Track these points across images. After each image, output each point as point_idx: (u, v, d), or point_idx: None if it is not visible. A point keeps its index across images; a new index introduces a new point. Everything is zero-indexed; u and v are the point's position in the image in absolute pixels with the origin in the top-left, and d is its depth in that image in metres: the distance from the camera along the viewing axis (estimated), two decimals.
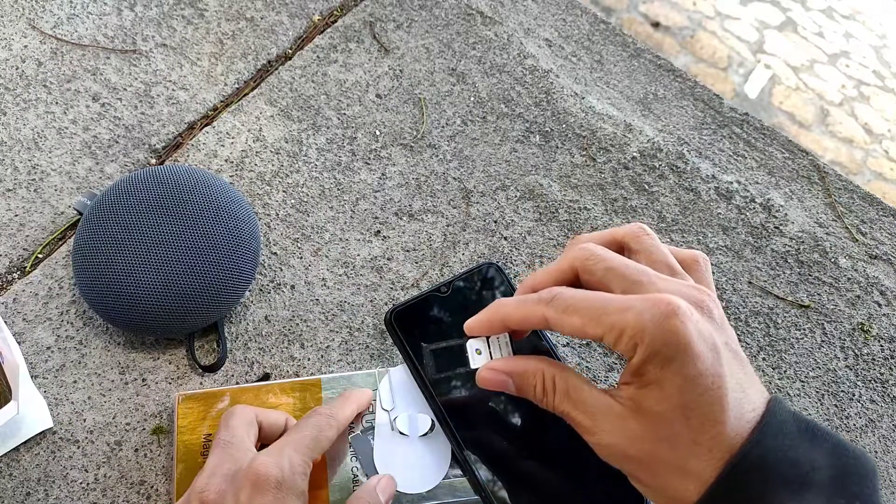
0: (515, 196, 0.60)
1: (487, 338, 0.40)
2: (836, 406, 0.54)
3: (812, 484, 0.28)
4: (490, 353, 0.40)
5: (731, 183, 0.63)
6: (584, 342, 0.54)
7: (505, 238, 0.58)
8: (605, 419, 0.32)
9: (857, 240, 0.62)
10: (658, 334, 0.29)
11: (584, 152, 0.63)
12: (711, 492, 0.29)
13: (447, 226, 0.58)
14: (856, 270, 0.60)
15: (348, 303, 0.54)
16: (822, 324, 0.57)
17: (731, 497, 0.29)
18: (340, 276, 0.55)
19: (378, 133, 0.63)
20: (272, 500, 0.35)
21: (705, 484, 0.29)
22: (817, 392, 0.54)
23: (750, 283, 0.58)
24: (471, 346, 0.40)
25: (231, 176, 0.59)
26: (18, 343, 0.50)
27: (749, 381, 0.31)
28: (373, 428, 0.46)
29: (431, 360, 0.48)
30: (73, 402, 0.49)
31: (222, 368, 0.51)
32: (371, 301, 0.54)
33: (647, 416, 0.31)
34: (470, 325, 0.38)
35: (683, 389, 0.30)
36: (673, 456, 0.30)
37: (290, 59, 0.66)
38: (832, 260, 0.60)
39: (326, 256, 0.56)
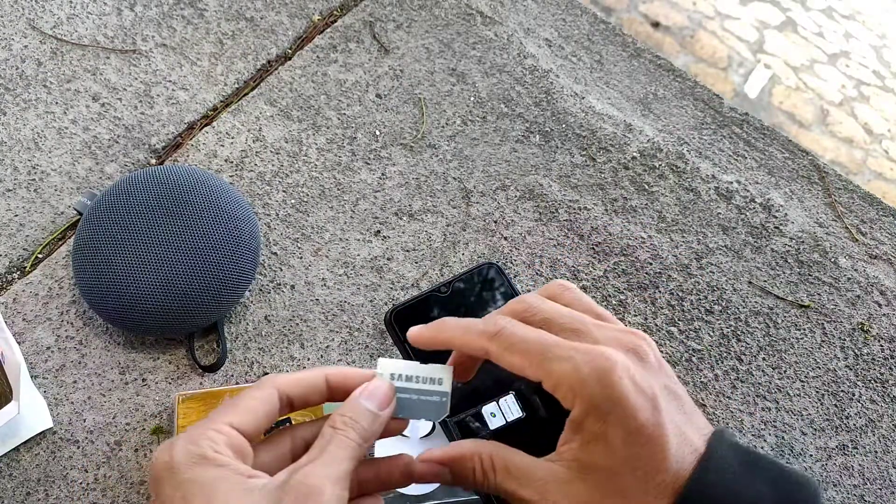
0: (515, 196, 0.60)
1: (497, 401, 0.41)
2: (836, 406, 0.54)
3: None
4: (504, 415, 0.41)
5: (731, 183, 0.63)
6: None
7: (505, 238, 0.58)
8: (553, 487, 0.32)
9: (857, 240, 0.62)
10: (597, 389, 0.31)
11: (584, 152, 0.63)
12: None
13: (447, 226, 0.58)
14: (856, 270, 0.60)
15: (348, 303, 0.54)
16: (822, 324, 0.57)
17: None
18: (340, 276, 0.55)
19: (378, 133, 0.63)
20: (167, 484, 0.30)
21: None
22: (817, 392, 0.54)
23: (750, 283, 0.58)
24: (486, 410, 0.41)
25: (231, 176, 0.59)
26: (18, 343, 0.50)
27: (687, 421, 0.33)
28: None
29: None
30: (73, 402, 0.49)
31: (222, 368, 0.51)
32: (371, 301, 0.54)
33: (595, 473, 0.31)
34: (412, 333, 0.37)
35: (627, 442, 0.31)
36: None
37: (290, 59, 0.66)
38: (832, 260, 0.60)
39: (326, 256, 0.56)
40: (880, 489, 0.51)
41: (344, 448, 0.32)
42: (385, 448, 0.45)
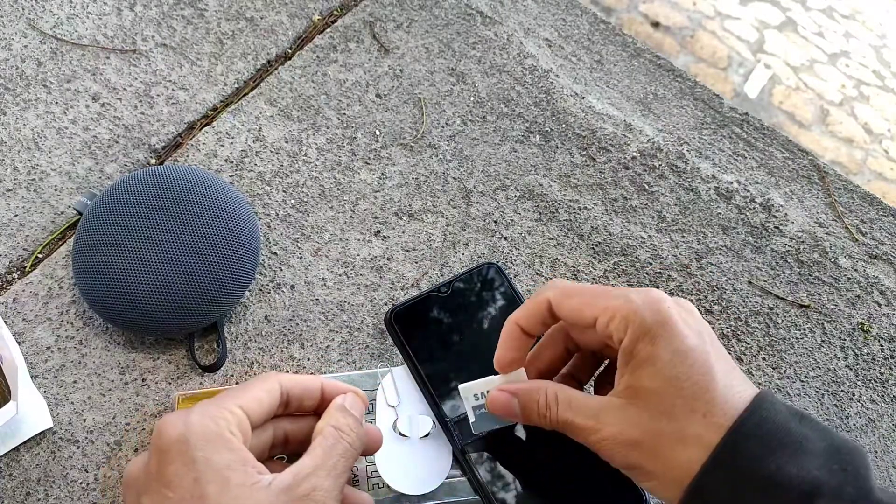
0: (515, 196, 0.60)
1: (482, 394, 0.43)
2: (836, 406, 0.54)
3: (807, 451, 0.30)
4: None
5: (731, 183, 0.63)
6: None
7: (505, 238, 0.58)
8: (606, 414, 0.34)
9: (857, 240, 0.62)
10: (648, 314, 0.33)
11: (584, 152, 0.63)
12: (715, 456, 0.30)
13: (447, 226, 0.58)
14: (856, 270, 0.60)
15: (348, 303, 0.54)
16: (822, 324, 0.57)
17: (734, 460, 0.30)
18: (340, 276, 0.55)
19: (378, 133, 0.63)
20: (178, 460, 0.29)
21: (707, 448, 0.31)
22: (817, 392, 0.54)
23: (750, 283, 0.58)
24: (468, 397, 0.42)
25: (231, 176, 0.59)
26: (18, 343, 0.50)
27: (733, 369, 0.34)
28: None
29: (433, 364, 0.48)
30: (73, 402, 0.49)
31: (222, 368, 0.51)
32: (371, 301, 0.54)
33: (644, 395, 0.33)
34: (497, 358, 0.39)
35: (673, 363, 0.32)
36: (672, 428, 0.32)
37: (290, 59, 0.66)
38: (832, 260, 0.60)
39: (326, 256, 0.56)
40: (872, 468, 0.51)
41: (347, 458, 0.34)
42: (385, 448, 0.45)
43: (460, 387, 0.41)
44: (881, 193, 1.93)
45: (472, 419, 0.41)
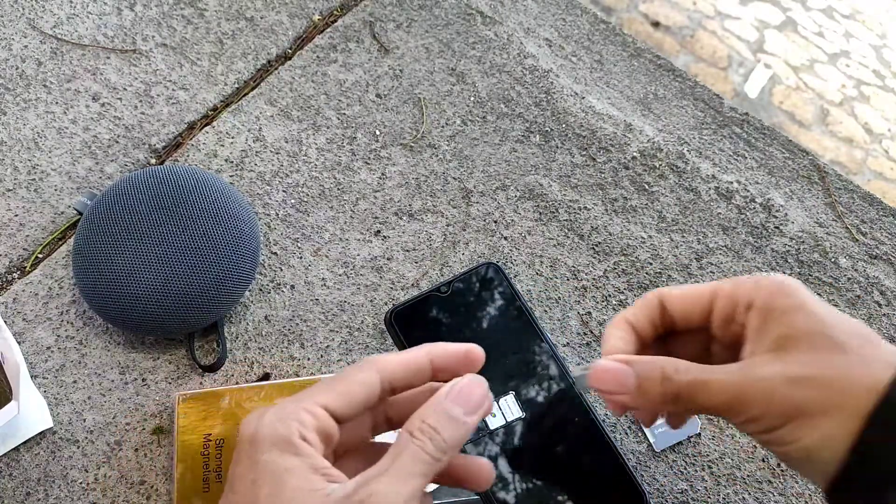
0: (515, 196, 0.60)
1: (497, 401, 0.45)
2: None
3: None
4: (503, 414, 0.45)
5: (731, 183, 0.63)
6: (583, 342, 0.54)
7: (505, 238, 0.58)
8: (754, 367, 0.31)
9: (857, 240, 0.62)
10: (775, 277, 0.32)
11: (584, 152, 0.63)
12: None
13: (447, 226, 0.58)
14: (856, 270, 0.60)
15: (348, 303, 0.54)
16: None
17: None
18: (340, 276, 0.55)
19: (378, 133, 0.63)
20: (245, 460, 0.29)
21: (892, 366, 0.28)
22: None
23: None
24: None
25: (231, 176, 0.59)
26: (18, 343, 0.50)
27: None
28: None
29: None
30: (73, 402, 0.49)
31: (222, 368, 0.51)
32: (371, 301, 0.54)
33: (803, 336, 0.30)
34: (606, 351, 0.35)
35: (823, 306, 0.31)
36: (847, 358, 0.29)
37: (290, 59, 0.66)
38: (832, 260, 0.60)
39: (326, 256, 0.56)
40: None
41: (417, 462, 0.29)
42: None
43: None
44: (881, 193, 1.93)
45: (651, 439, 0.45)
